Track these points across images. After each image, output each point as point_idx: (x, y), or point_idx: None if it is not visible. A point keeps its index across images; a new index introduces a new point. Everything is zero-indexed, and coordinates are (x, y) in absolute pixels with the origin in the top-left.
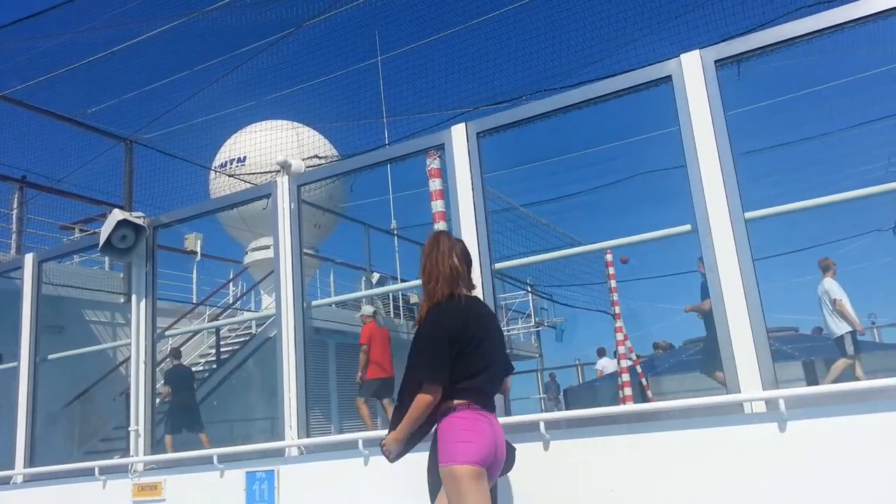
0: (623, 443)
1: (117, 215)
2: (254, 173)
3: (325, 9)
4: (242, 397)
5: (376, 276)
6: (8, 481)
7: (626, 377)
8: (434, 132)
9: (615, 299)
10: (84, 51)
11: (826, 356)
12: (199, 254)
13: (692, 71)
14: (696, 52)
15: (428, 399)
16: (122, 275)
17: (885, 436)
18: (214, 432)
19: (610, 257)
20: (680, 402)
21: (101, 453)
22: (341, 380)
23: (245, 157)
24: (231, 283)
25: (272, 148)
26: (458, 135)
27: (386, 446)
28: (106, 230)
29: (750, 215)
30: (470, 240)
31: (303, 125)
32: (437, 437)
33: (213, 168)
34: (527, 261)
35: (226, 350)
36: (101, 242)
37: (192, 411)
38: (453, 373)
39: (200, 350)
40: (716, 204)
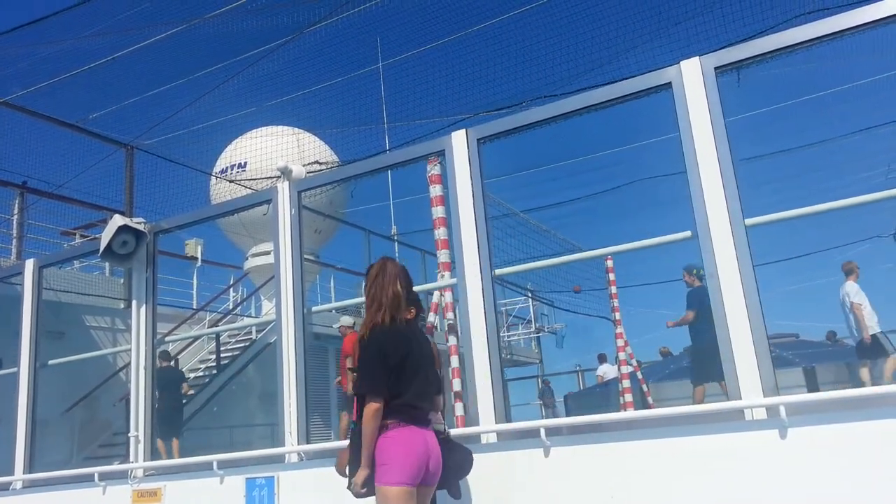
0: (624, 449)
1: (118, 221)
2: (254, 179)
3: (327, 15)
4: (242, 403)
5: None
6: (7, 487)
7: (626, 383)
8: (434, 138)
9: (615, 305)
10: (85, 57)
11: (827, 362)
12: (200, 259)
13: (692, 78)
14: (695, 59)
15: (374, 408)
16: (123, 280)
17: (887, 443)
18: (214, 438)
19: (610, 263)
20: (681, 408)
21: (101, 459)
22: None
23: (246, 163)
24: (231, 289)
25: (273, 154)
26: (459, 141)
27: (357, 485)
28: (106, 236)
29: (750, 222)
30: (470, 245)
31: (303, 131)
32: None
33: (213, 174)
34: (527, 267)
35: (226, 356)
36: (102, 248)
37: (173, 415)
38: (390, 391)
39: (200, 355)
40: (716, 210)
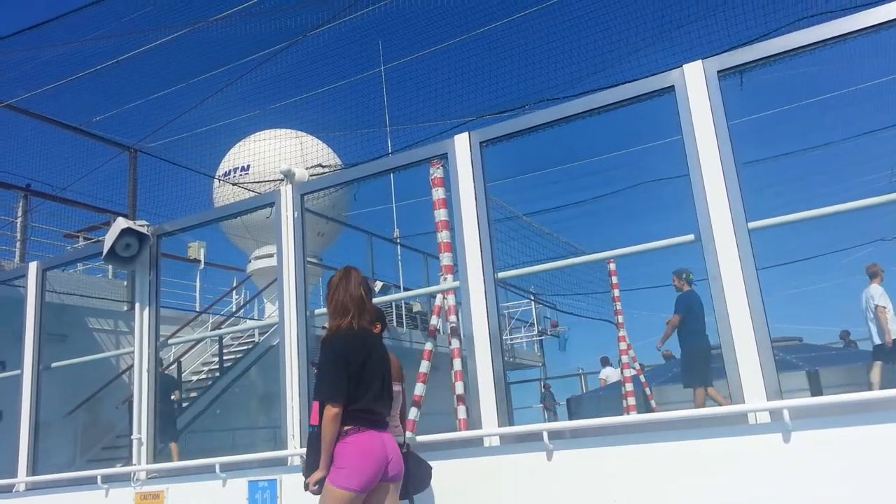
0: (626, 453)
1: (121, 224)
2: (257, 182)
3: (329, 19)
4: (245, 406)
5: (379, 285)
6: (10, 489)
7: (629, 386)
8: (437, 141)
9: (618, 308)
10: (89, 60)
11: (831, 366)
12: (203, 262)
13: (695, 81)
14: (698, 63)
15: (333, 413)
16: (126, 283)
17: (891, 447)
18: (217, 441)
19: (613, 266)
20: (684, 412)
21: (104, 461)
22: None
23: (249, 166)
24: (234, 292)
25: (276, 157)
26: (462, 144)
27: (310, 485)
28: (110, 238)
29: (753, 225)
30: (473, 248)
31: (306, 134)
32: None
33: (216, 177)
34: (529, 270)
35: (229, 358)
36: (105, 251)
37: (166, 420)
38: (349, 396)
39: (203, 358)
40: (719, 213)
